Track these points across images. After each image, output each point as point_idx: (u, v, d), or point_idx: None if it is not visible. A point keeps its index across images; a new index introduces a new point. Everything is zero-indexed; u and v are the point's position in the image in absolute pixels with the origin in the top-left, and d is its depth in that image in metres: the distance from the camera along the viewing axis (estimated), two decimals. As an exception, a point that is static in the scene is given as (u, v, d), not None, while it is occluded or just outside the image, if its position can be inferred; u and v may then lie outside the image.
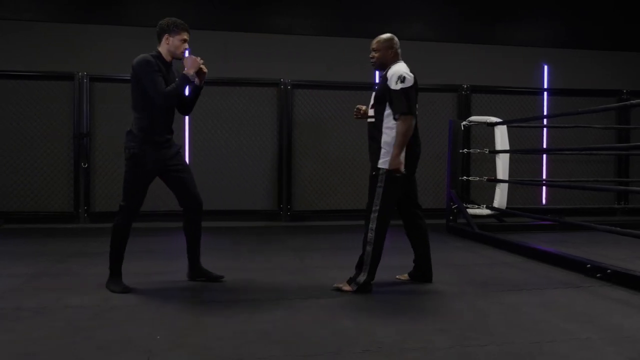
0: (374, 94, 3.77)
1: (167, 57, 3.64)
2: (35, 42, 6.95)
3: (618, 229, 4.48)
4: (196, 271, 3.86)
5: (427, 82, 7.52)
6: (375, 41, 3.79)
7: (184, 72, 3.57)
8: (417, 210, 3.91)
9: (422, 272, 3.96)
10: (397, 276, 4.03)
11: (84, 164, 6.90)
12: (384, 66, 3.74)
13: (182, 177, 3.73)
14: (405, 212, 3.91)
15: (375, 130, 3.67)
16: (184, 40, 3.64)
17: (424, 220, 3.95)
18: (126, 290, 3.56)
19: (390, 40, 3.77)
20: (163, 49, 3.64)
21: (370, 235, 3.59)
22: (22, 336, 2.72)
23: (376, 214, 3.58)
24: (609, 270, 3.98)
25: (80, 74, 6.90)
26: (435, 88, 7.68)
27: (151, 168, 3.60)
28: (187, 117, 7.18)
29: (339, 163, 7.50)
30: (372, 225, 3.59)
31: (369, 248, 3.59)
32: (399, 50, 3.79)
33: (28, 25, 6.97)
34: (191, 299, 3.45)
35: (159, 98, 3.49)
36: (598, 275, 4.04)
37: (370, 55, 3.79)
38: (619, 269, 3.97)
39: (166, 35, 3.63)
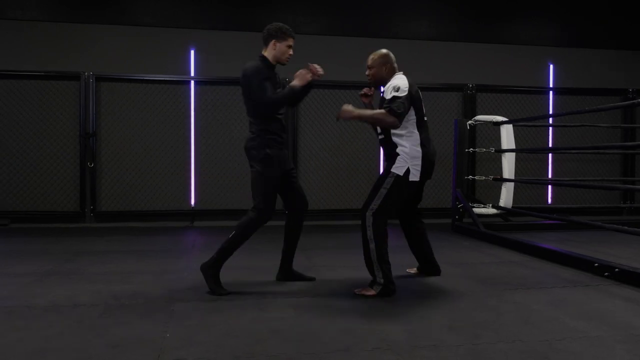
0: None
1: (273, 61, 3.71)
2: (41, 42, 6.98)
3: (625, 227, 4.47)
4: (288, 273, 3.89)
5: (432, 81, 7.55)
6: (370, 58, 3.79)
7: (292, 84, 3.63)
8: (417, 223, 4.01)
9: (430, 265, 4.07)
10: (407, 270, 4.09)
11: (90, 164, 6.92)
12: (381, 82, 3.75)
13: (295, 180, 3.84)
14: (404, 222, 4.01)
15: (389, 146, 3.67)
16: (290, 47, 3.70)
17: (423, 224, 4.06)
18: (225, 291, 3.52)
19: (384, 56, 3.76)
20: (269, 53, 3.70)
21: (369, 232, 3.53)
22: (34, 333, 2.73)
23: (372, 212, 3.54)
24: (616, 269, 3.97)
25: (86, 73, 6.92)
26: (441, 87, 7.69)
27: (280, 169, 3.67)
28: (192, 119, 7.21)
29: (345, 162, 7.50)
30: (368, 222, 3.54)
31: (372, 245, 3.53)
32: (395, 65, 3.78)
33: (34, 25, 6.99)
34: (200, 297, 3.46)
35: (265, 106, 3.58)
36: (606, 274, 4.04)
37: (366, 73, 3.80)
38: (626, 267, 3.96)
39: (274, 41, 3.68)
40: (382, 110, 3.55)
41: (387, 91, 3.61)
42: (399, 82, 3.60)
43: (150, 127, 7.12)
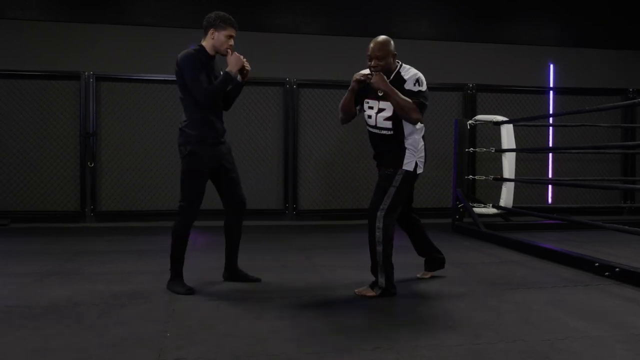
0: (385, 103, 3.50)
1: (211, 52, 3.58)
2: (41, 41, 6.97)
3: (626, 227, 4.47)
4: (232, 273, 3.85)
5: (432, 81, 7.45)
6: (376, 48, 3.46)
7: (227, 70, 3.50)
8: (414, 215, 3.95)
9: (435, 260, 4.03)
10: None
11: (90, 164, 6.91)
12: (388, 73, 3.51)
13: (231, 177, 3.72)
14: (402, 218, 3.87)
15: (395, 140, 3.52)
16: (230, 37, 3.55)
17: (419, 220, 4.00)
18: (190, 291, 3.50)
19: (390, 42, 3.50)
20: (207, 43, 3.57)
21: (378, 234, 3.46)
22: (34, 333, 2.73)
23: (383, 212, 3.45)
24: (617, 269, 3.97)
25: (86, 73, 6.92)
26: (441, 87, 7.68)
27: (208, 166, 3.58)
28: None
29: (345, 162, 7.50)
30: (379, 224, 3.45)
31: (379, 248, 3.46)
32: None
33: (34, 24, 6.98)
34: (200, 297, 3.46)
35: (200, 96, 3.46)
36: (606, 273, 4.03)
37: (374, 64, 3.47)
38: (627, 267, 3.96)
39: (212, 30, 3.54)
40: (411, 102, 3.40)
41: (410, 82, 3.44)
42: (420, 74, 3.49)
43: (150, 127, 7.12)
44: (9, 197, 6.83)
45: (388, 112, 3.50)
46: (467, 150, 6.82)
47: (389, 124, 3.53)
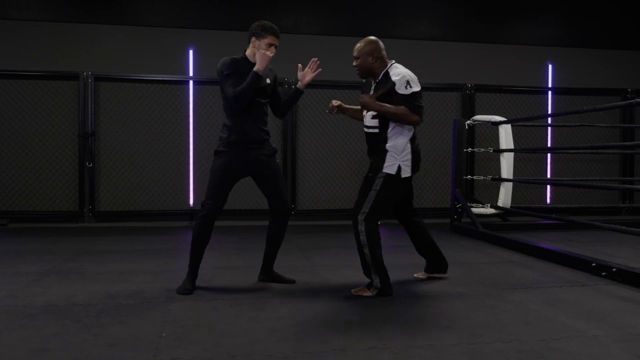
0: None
1: (252, 60, 3.62)
2: (40, 41, 6.98)
3: (623, 227, 4.47)
4: (268, 274, 3.88)
5: (431, 81, 7.54)
6: (355, 47, 3.59)
7: (254, 69, 3.50)
8: (414, 218, 3.89)
9: (436, 263, 3.98)
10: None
11: (89, 164, 6.92)
12: (369, 73, 3.58)
13: (273, 182, 3.75)
14: (402, 219, 3.89)
15: (380, 140, 3.53)
16: (270, 45, 3.58)
17: (422, 222, 3.94)
18: (186, 291, 3.52)
19: (370, 44, 3.55)
20: (250, 51, 3.65)
21: (362, 237, 3.48)
22: (32, 333, 2.73)
23: (364, 216, 3.47)
24: (614, 269, 3.98)
25: (85, 73, 6.92)
26: (440, 87, 7.69)
27: (236, 169, 3.62)
28: (190, 119, 7.21)
29: (344, 162, 7.50)
30: (361, 227, 3.48)
31: (366, 250, 3.48)
32: (384, 53, 3.57)
33: (33, 24, 6.99)
34: (197, 297, 3.46)
35: (229, 99, 3.52)
36: (603, 273, 4.05)
37: (353, 64, 3.62)
38: (624, 267, 3.97)
39: (253, 39, 3.61)
40: (404, 107, 3.42)
41: (401, 85, 3.43)
42: (410, 75, 3.48)
43: (149, 127, 7.12)
44: (7, 197, 6.83)
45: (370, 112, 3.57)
46: (465, 150, 6.83)
47: (375, 122, 3.56)
